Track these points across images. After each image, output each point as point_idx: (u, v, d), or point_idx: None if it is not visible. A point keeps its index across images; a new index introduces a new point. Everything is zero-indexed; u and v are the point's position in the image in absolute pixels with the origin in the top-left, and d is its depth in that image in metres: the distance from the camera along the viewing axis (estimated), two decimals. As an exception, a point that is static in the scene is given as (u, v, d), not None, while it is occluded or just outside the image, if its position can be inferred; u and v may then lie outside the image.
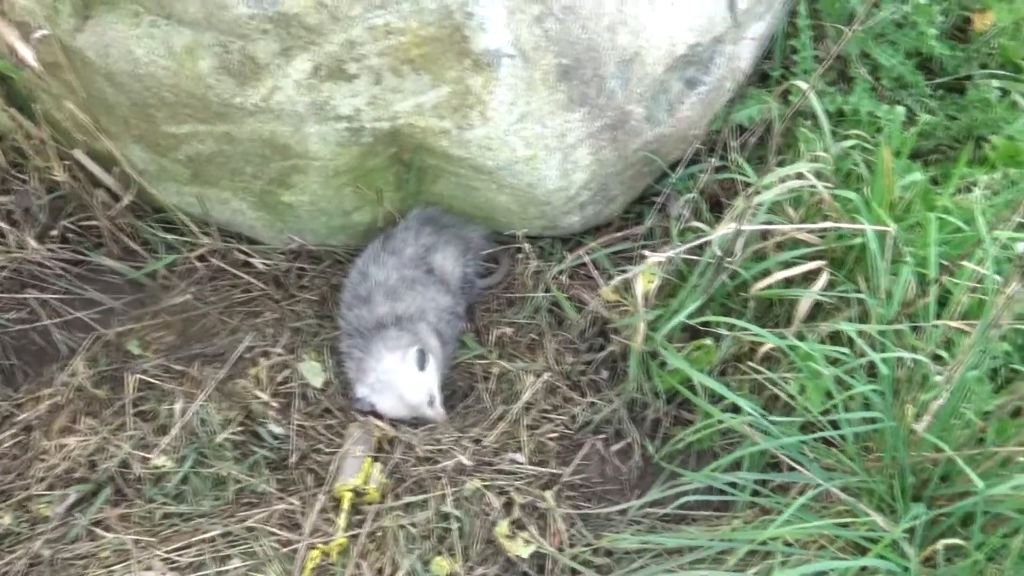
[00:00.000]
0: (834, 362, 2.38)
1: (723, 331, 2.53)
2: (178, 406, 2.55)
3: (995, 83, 3.12)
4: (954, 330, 2.16)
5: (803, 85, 2.66)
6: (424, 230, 2.77)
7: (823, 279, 2.48)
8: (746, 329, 2.59)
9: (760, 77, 3.20)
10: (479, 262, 2.89)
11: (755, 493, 2.34)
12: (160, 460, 2.48)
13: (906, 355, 2.05)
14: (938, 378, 1.96)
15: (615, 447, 2.64)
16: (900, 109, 2.72)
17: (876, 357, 2.05)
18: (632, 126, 2.71)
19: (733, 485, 2.34)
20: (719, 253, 2.45)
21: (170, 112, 2.46)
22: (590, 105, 2.59)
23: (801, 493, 2.32)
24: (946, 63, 3.20)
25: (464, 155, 2.55)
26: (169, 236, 2.86)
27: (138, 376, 2.64)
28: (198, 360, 2.71)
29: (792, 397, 2.43)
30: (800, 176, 2.55)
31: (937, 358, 2.24)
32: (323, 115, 2.42)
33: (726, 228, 2.37)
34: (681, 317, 2.43)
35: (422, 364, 2.51)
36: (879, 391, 2.05)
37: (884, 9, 3.10)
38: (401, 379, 2.54)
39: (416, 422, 2.63)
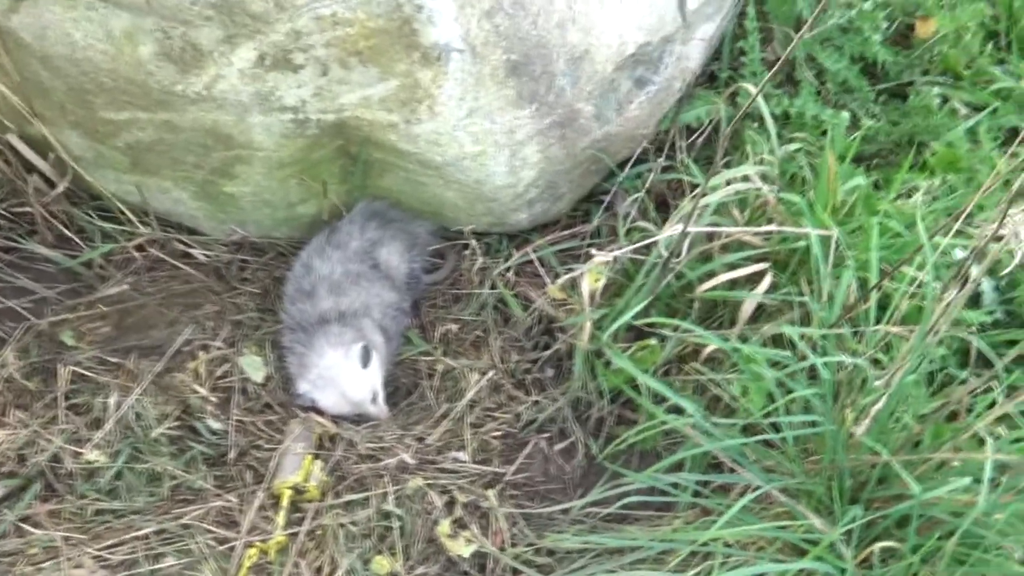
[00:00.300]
0: (776, 364, 2.41)
1: (668, 332, 2.55)
2: (113, 399, 2.49)
3: (936, 90, 3.17)
4: (893, 334, 2.18)
5: (751, 88, 2.67)
6: (370, 224, 2.73)
7: (767, 281, 2.50)
8: (690, 330, 2.62)
9: (708, 77, 3.22)
10: (425, 258, 2.87)
11: (697, 494, 2.35)
12: (93, 455, 2.41)
13: (846, 359, 2.08)
14: (877, 383, 1.99)
15: (559, 446, 2.63)
16: (845, 114, 2.75)
17: (817, 361, 2.07)
18: (581, 124, 2.71)
19: (675, 486, 2.36)
20: (665, 254, 2.45)
21: (109, 98, 2.39)
22: (539, 102, 2.57)
23: (742, 494, 2.34)
24: (889, 69, 3.25)
25: (412, 149, 2.52)
26: (106, 224, 2.78)
27: (71, 368, 2.56)
28: (135, 352, 2.64)
29: (734, 398, 2.46)
30: (746, 179, 2.56)
31: (876, 362, 2.28)
32: (268, 105, 2.37)
33: (672, 229, 2.38)
34: (627, 318, 2.43)
35: (365, 361, 2.48)
36: (820, 394, 2.07)
37: (831, 14, 3.13)
38: (344, 376, 2.50)
39: (358, 419, 2.60)
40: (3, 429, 2.43)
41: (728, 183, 2.49)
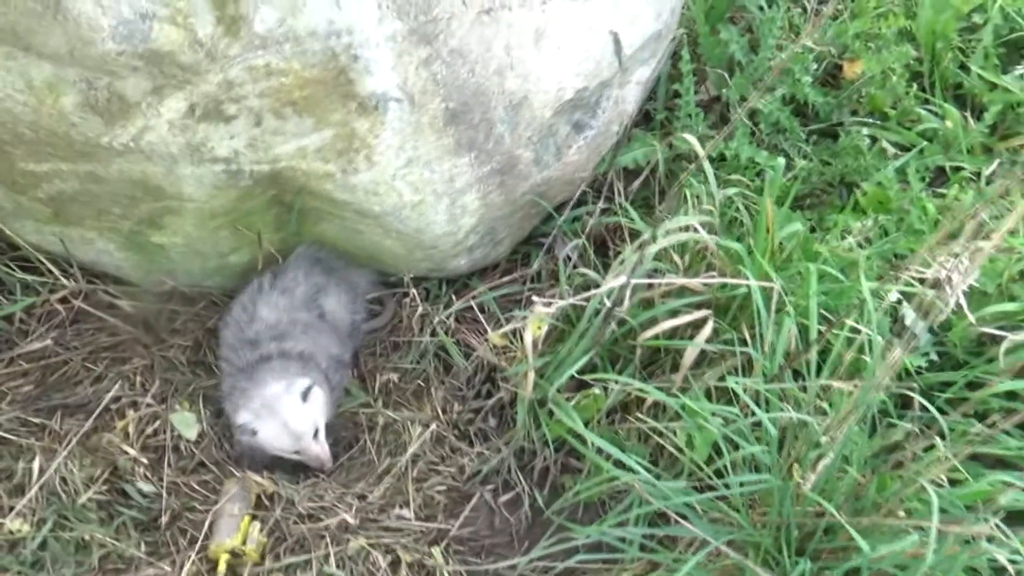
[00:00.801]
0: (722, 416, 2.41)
1: (610, 381, 2.54)
2: (36, 464, 2.37)
3: (865, 131, 3.23)
4: (837, 388, 2.19)
5: (692, 139, 2.68)
6: (314, 269, 2.66)
7: (708, 328, 2.50)
8: (630, 383, 2.61)
9: (644, 117, 3.24)
10: (365, 305, 2.80)
11: (643, 547, 2.33)
12: (16, 524, 2.29)
13: (792, 415, 2.08)
14: (823, 438, 1.99)
15: (504, 498, 2.59)
16: (781, 160, 2.76)
17: (764, 417, 2.07)
18: (520, 170, 2.68)
19: (622, 539, 2.33)
20: (608, 304, 2.44)
21: (29, 149, 2.28)
22: (478, 149, 2.54)
23: (690, 546, 2.34)
24: (820, 109, 3.30)
25: (349, 199, 2.47)
26: (27, 276, 2.65)
27: (-10, 431, 2.43)
28: (59, 411, 2.53)
29: (679, 449, 2.45)
30: (687, 228, 2.56)
31: (820, 410, 2.29)
32: (199, 157, 2.29)
33: (616, 280, 2.36)
34: (572, 371, 2.40)
35: (306, 396, 2.41)
36: (766, 450, 2.06)
37: (763, 56, 3.17)
38: (286, 407, 2.42)
39: (298, 464, 2.51)
40: (-85, 500, 2.29)
41: (668, 233, 2.47)
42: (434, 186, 2.49)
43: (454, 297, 2.92)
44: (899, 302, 2.69)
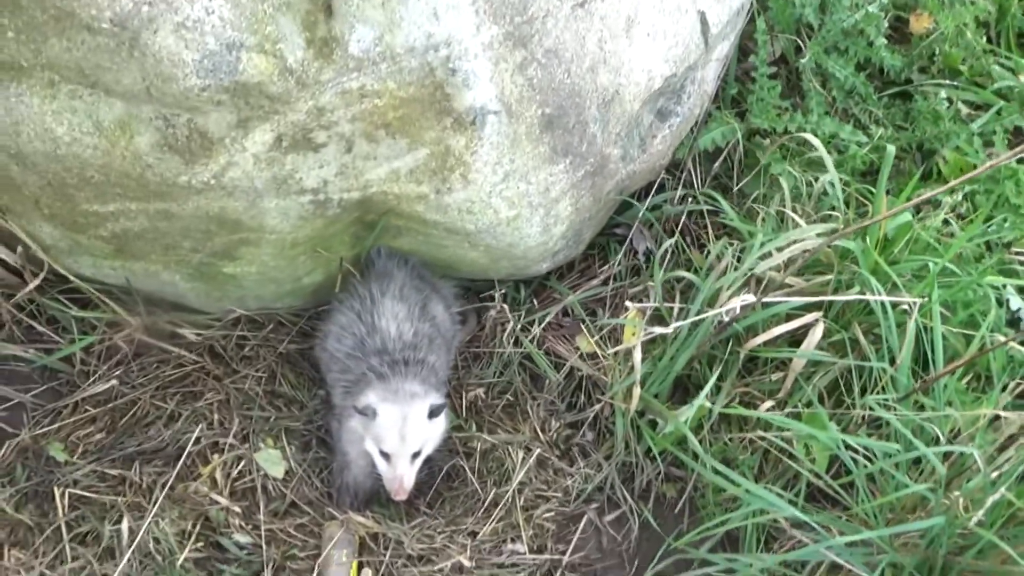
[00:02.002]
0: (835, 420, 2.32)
1: (715, 390, 2.42)
2: (125, 524, 2.20)
3: (943, 93, 3.08)
4: (994, 416, 2.08)
5: (812, 138, 2.51)
6: (413, 275, 2.49)
7: (819, 333, 2.38)
8: (742, 387, 2.49)
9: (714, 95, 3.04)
10: (455, 316, 2.62)
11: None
12: (112, 593, 2.13)
13: (959, 448, 1.97)
14: (993, 473, 1.90)
15: (609, 517, 2.49)
16: (891, 148, 2.57)
17: (928, 452, 1.96)
18: (610, 169, 2.50)
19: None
20: (727, 319, 2.30)
21: (95, 192, 2.05)
22: (573, 154, 2.35)
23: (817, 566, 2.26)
24: (890, 69, 3.13)
25: (441, 219, 2.28)
26: (83, 313, 2.43)
27: (69, 489, 2.25)
28: (136, 460, 2.35)
29: (792, 456, 2.35)
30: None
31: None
32: (285, 189, 2.08)
33: (740, 300, 2.21)
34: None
35: (434, 414, 2.26)
36: (932, 488, 1.96)
37: (835, 18, 2.98)
38: (413, 410, 2.25)
39: (372, 474, 2.36)
40: (3, 576, 2.12)
41: (788, 244, 2.32)
42: (530, 199, 2.31)
43: (534, 300, 2.76)
44: (1003, 286, 2.60)
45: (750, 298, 2.20)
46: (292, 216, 2.15)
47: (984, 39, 3.18)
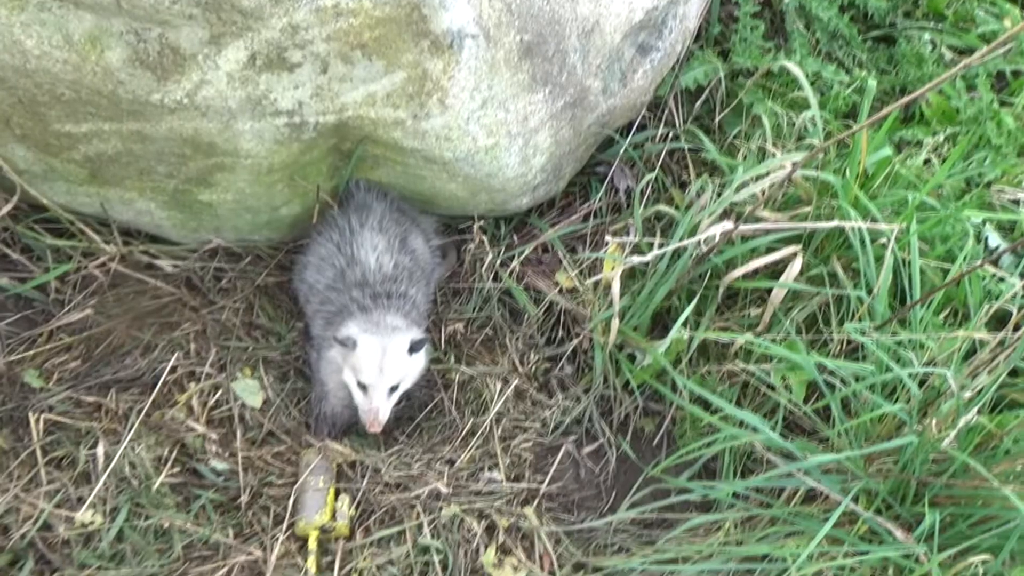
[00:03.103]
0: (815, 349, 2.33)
1: (692, 324, 2.42)
2: (101, 449, 2.19)
3: (926, 36, 3.07)
4: (965, 338, 2.09)
5: (793, 67, 2.50)
6: (393, 208, 2.48)
7: (797, 266, 2.37)
8: (721, 323, 2.49)
9: (697, 32, 3.02)
10: (435, 250, 2.61)
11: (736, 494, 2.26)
12: (87, 516, 2.12)
13: (934, 371, 1.98)
14: (966, 395, 1.90)
15: (587, 449, 2.50)
16: (872, 82, 2.56)
17: (903, 373, 1.96)
18: (589, 101, 2.49)
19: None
20: (705, 249, 2.29)
21: (67, 110, 2.02)
22: (553, 84, 2.33)
23: (783, 495, 2.27)
24: (874, 13, 3.11)
25: (418, 146, 2.26)
26: (59, 241, 2.41)
27: (44, 415, 2.24)
28: (113, 387, 2.33)
29: (771, 388, 2.36)
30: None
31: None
32: (260, 111, 2.05)
33: (718, 227, 2.20)
34: (678, 326, 2.27)
35: (414, 349, 2.25)
36: (905, 408, 1.97)
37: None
38: (393, 344, 2.24)
39: (349, 404, 2.35)
40: (-23, 498, 2.11)
41: (764, 174, 2.31)
42: (508, 127, 2.29)
43: (514, 236, 2.75)
44: (983, 223, 2.60)
45: (728, 225, 2.20)
46: (267, 139, 2.13)
47: (968, -18, 3.17)
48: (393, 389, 2.26)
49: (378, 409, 2.24)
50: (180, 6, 1.83)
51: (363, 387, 2.24)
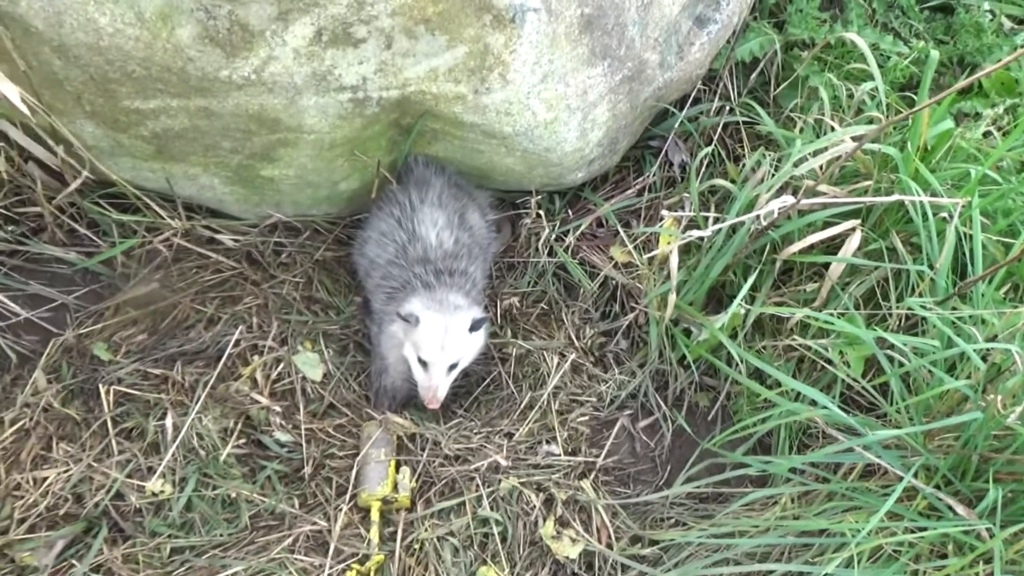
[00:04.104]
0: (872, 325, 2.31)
1: (752, 298, 2.42)
2: (169, 420, 2.24)
3: (986, 5, 3.02)
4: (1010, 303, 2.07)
5: (856, 38, 2.47)
6: (450, 183, 2.50)
7: (856, 241, 2.36)
8: (777, 297, 2.49)
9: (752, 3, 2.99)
10: (491, 225, 2.62)
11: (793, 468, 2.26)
12: (158, 485, 2.18)
13: (999, 346, 1.97)
14: (1030, 370, 1.89)
15: (643, 423, 2.52)
16: (935, 53, 2.51)
17: (967, 348, 1.95)
18: (647, 75, 2.48)
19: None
20: (764, 224, 2.28)
21: (136, 87, 2.05)
22: (611, 57, 2.33)
23: (842, 471, 2.27)
24: (931, -20, 3.07)
25: (478, 121, 2.27)
26: (124, 216, 2.45)
27: (113, 387, 2.29)
28: (179, 360, 2.38)
29: (828, 362, 2.35)
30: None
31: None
32: (325, 86, 2.07)
33: (777, 202, 2.19)
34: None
35: (475, 328, 2.29)
36: (970, 384, 1.96)
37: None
38: (454, 322, 2.27)
39: (409, 378, 2.37)
40: (52, 467, 2.17)
41: (824, 149, 2.29)
42: (568, 101, 2.29)
43: (569, 211, 2.75)
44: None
45: (788, 199, 2.19)
46: (331, 115, 2.15)
47: (1028, -51, 3.11)
48: (452, 367, 2.29)
49: (437, 387, 2.27)
50: (249, -17, 1.85)
51: (423, 364, 2.27)
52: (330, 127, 2.18)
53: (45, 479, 2.15)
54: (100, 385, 2.29)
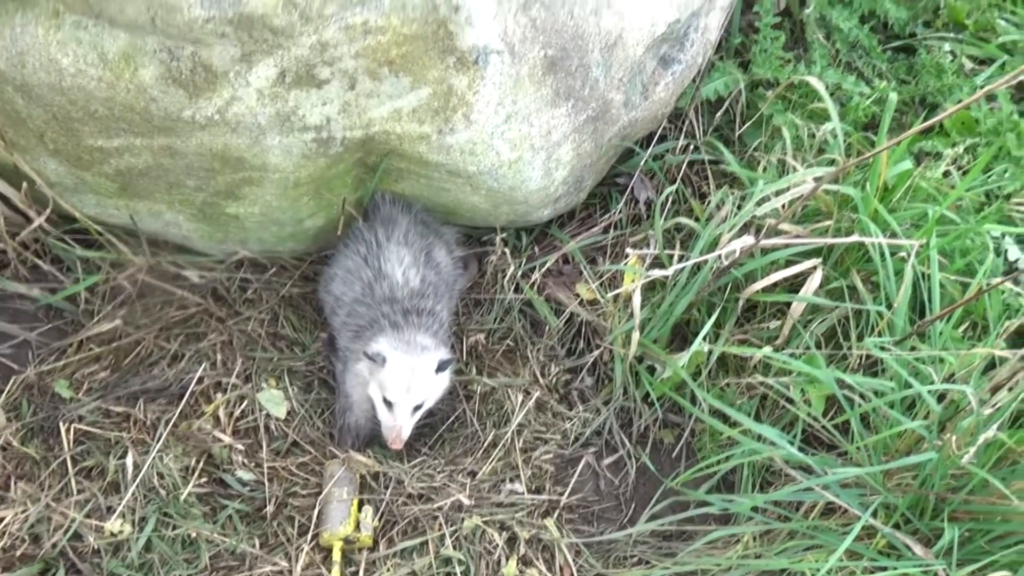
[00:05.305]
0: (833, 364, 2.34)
1: (713, 337, 2.44)
2: (129, 459, 2.23)
3: (946, 47, 3.08)
4: (984, 355, 2.10)
5: (815, 82, 2.51)
6: (417, 220, 2.50)
7: (817, 279, 2.38)
8: (741, 335, 2.51)
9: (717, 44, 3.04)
10: (457, 262, 2.63)
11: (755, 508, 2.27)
12: (117, 525, 2.16)
13: (954, 387, 1.99)
14: (986, 412, 1.92)
15: (607, 460, 2.52)
16: (893, 96, 2.56)
17: (922, 389, 1.98)
18: (611, 114, 2.51)
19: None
20: (726, 263, 2.31)
21: (99, 126, 2.06)
22: (575, 98, 2.36)
23: (802, 509, 2.28)
24: (894, 23, 3.12)
25: (443, 160, 2.28)
26: (88, 252, 2.44)
27: (74, 425, 2.28)
28: (141, 398, 2.37)
29: (791, 401, 2.37)
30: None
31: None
32: (289, 126, 2.08)
33: (739, 242, 2.22)
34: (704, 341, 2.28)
35: (441, 369, 2.28)
36: (925, 425, 1.98)
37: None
38: (421, 363, 2.26)
39: (373, 417, 2.36)
40: (9, 507, 2.15)
41: (785, 189, 2.33)
42: (532, 141, 2.32)
43: (535, 248, 2.77)
44: (1002, 236, 2.61)
45: (748, 240, 2.22)
46: (295, 154, 2.16)
47: (987, -8, 3.17)
48: (417, 407, 2.29)
49: (402, 427, 2.27)
50: (213, 25, 1.86)
51: (388, 404, 2.27)
52: (295, 166, 2.19)
53: (2, 519, 2.12)
54: (60, 423, 2.27)
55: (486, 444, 2.42)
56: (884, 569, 2.03)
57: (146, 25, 1.86)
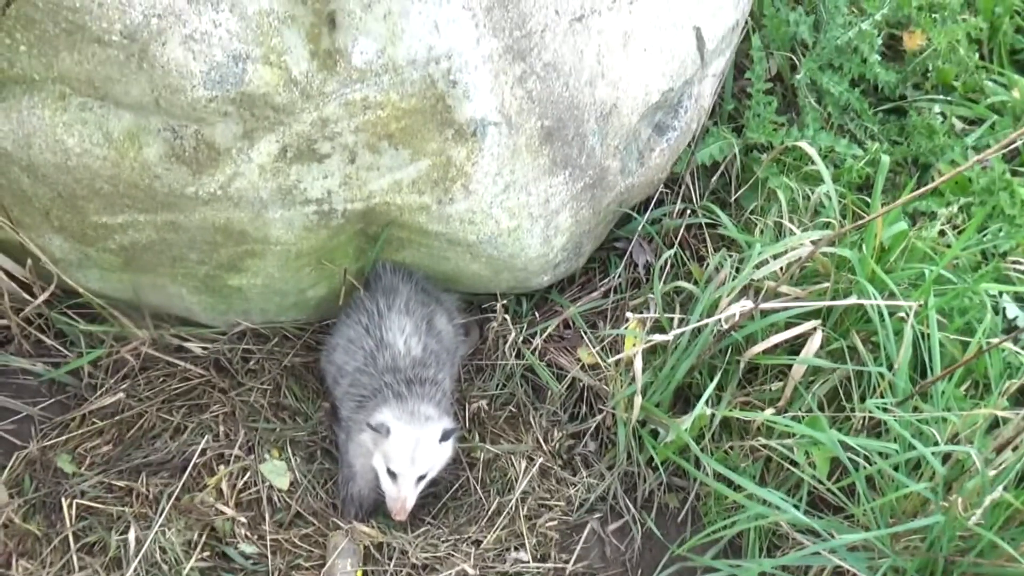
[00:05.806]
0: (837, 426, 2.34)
1: (715, 400, 2.44)
2: (132, 534, 2.21)
3: (936, 108, 3.13)
4: (987, 415, 2.10)
5: (808, 147, 2.55)
6: (418, 288, 2.52)
7: (817, 341, 2.39)
8: (743, 397, 2.51)
9: (711, 109, 3.09)
10: (459, 329, 2.64)
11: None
12: (119, 603, 2.14)
13: (957, 448, 1.99)
14: (991, 472, 1.91)
15: (612, 526, 2.50)
16: (886, 159, 2.60)
17: (926, 452, 1.98)
18: (608, 181, 2.54)
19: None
20: (726, 326, 2.32)
21: (105, 203, 2.09)
22: (572, 166, 2.39)
23: (820, 572, 2.26)
24: (884, 86, 3.17)
25: (443, 230, 2.31)
26: (92, 327, 2.46)
27: (76, 500, 2.27)
28: (143, 471, 2.36)
29: (793, 463, 2.36)
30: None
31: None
32: (290, 200, 2.12)
33: (738, 306, 2.24)
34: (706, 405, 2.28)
35: (444, 438, 2.28)
36: (930, 487, 1.98)
37: (829, 35, 3.04)
38: (426, 433, 2.26)
39: (377, 487, 2.35)
40: (11, 585, 2.13)
41: (783, 253, 2.35)
42: (530, 209, 2.35)
43: (535, 313, 2.79)
44: (1000, 294, 2.62)
45: (748, 304, 2.23)
46: (297, 227, 2.19)
47: (976, 55, 3.23)
48: (421, 478, 2.29)
49: (406, 498, 2.26)
50: (216, 104, 1.90)
51: (392, 475, 2.26)
52: (296, 238, 2.22)
53: (3, 598, 2.11)
54: (63, 498, 2.26)
55: (490, 512, 2.41)
56: (895, 634, 2.01)
57: (150, 105, 1.90)
